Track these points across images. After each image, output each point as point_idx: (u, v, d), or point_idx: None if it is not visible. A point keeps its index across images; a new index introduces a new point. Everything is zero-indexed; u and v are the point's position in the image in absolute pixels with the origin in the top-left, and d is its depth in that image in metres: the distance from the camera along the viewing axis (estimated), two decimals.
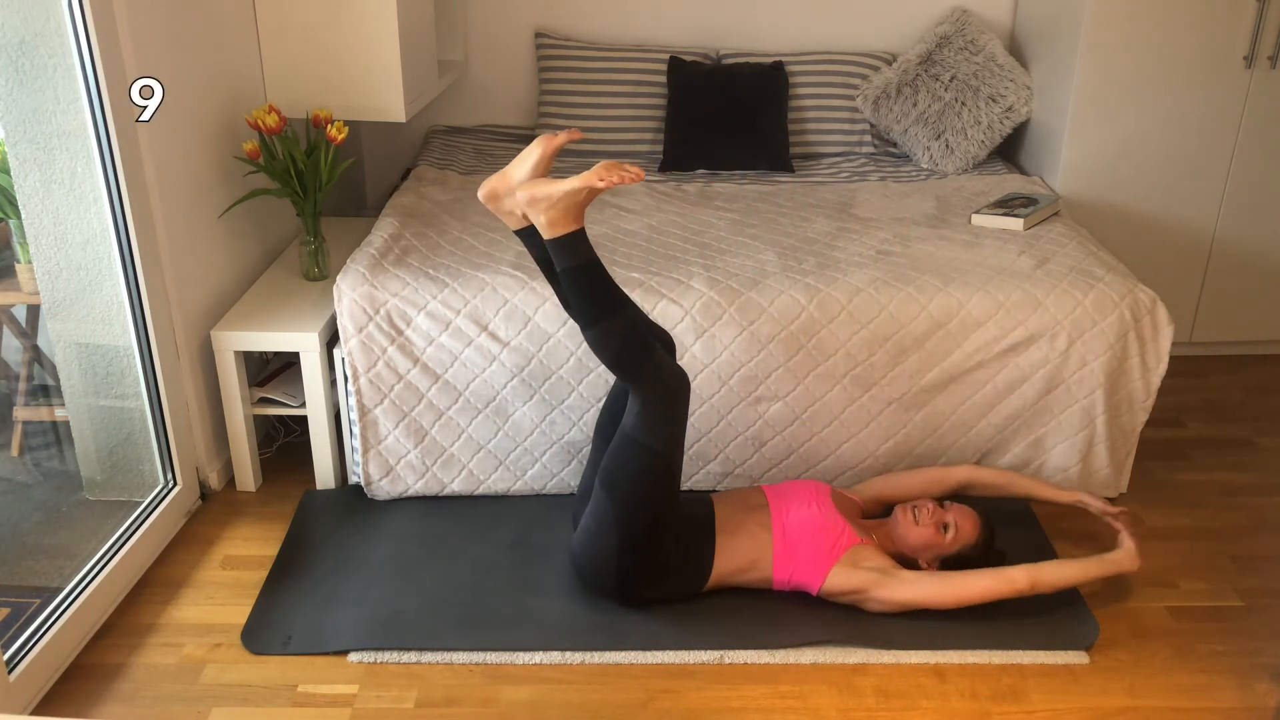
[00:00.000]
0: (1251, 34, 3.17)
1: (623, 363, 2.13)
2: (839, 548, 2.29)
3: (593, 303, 2.12)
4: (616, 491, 2.20)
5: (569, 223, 2.10)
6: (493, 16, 3.82)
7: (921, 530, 2.34)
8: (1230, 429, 3.18)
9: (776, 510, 2.36)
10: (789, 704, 2.12)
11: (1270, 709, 2.13)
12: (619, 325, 2.12)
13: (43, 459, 2.69)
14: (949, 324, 2.60)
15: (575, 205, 2.09)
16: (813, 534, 2.30)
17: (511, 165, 2.18)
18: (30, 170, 2.33)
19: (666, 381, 2.14)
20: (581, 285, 2.12)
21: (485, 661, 2.22)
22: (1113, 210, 3.39)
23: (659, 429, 2.15)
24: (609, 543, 2.23)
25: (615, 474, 2.20)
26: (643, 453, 2.16)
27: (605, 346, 2.13)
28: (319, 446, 2.76)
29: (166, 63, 2.52)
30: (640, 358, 2.13)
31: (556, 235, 2.11)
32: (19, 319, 2.67)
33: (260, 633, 2.28)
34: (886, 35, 3.81)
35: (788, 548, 2.30)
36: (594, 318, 2.12)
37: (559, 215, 2.09)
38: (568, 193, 2.06)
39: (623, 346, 2.12)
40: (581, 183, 2.04)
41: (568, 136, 2.15)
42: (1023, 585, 2.26)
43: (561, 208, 2.08)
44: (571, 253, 2.11)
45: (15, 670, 2.02)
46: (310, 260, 2.94)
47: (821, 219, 3.09)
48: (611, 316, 2.12)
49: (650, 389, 2.14)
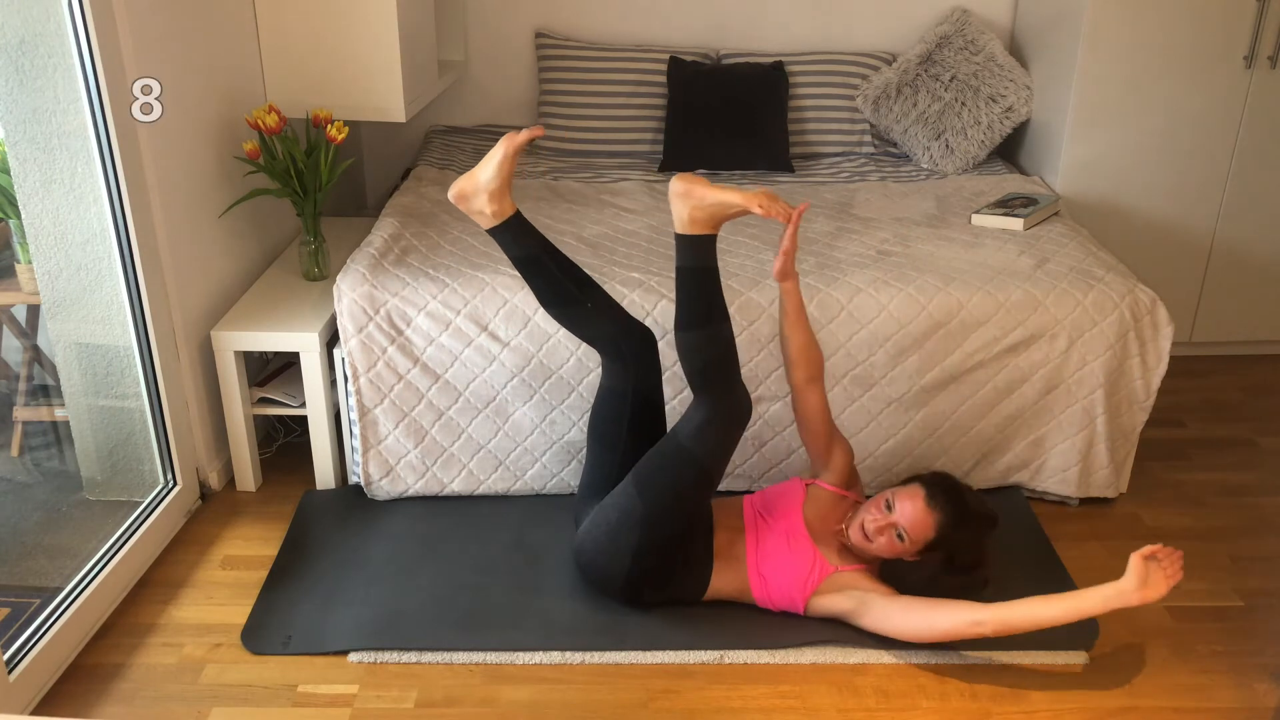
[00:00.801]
0: (1251, 34, 3.17)
1: (714, 372, 2.15)
2: (811, 582, 2.25)
3: (705, 306, 2.15)
4: (651, 493, 2.18)
5: (707, 226, 2.14)
6: (493, 16, 3.82)
7: (879, 546, 2.22)
8: (1230, 429, 3.18)
9: (750, 539, 2.33)
10: (789, 704, 2.12)
11: (1270, 709, 2.13)
12: (723, 334, 2.16)
13: (43, 459, 2.69)
14: (949, 324, 2.60)
15: (721, 216, 2.13)
16: (784, 569, 2.27)
17: (478, 167, 2.23)
18: (30, 170, 2.33)
19: (741, 402, 2.16)
20: (698, 287, 2.16)
21: (485, 661, 2.22)
22: (1113, 210, 3.39)
23: (715, 444, 2.16)
24: (628, 541, 2.21)
25: (655, 476, 2.19)
26: (690, 462, 2.16)
27: (703, 351, 2.15)
28: (319, 446, 2.76)
29: (166, 63, 2.52)
30: (731, 371, 2.16)
31: (691, 233, 2.14)
32: (19, 319, 2.67)
33: (260, 633, 2.28)
34: (886, 35, 3.81)
35: (762, 580, 2.28)
36: (702, 321, 2.15)
37: (704, 216, 2.13)
38: (721, 202, 2.10)
39: (721, 356, 2.15)
40: (741, 200, 2.08)
41: (529, 134, 2.19)
42: (987, 631, 2.10)
43: (709, 211, 2.12)
44: (699, 254, 2.15)
45: (15, 670, 2.02)
46: (310, 260, 2.94)
47: (821, 219, 3.09)
48: (718, 324, 2.16)
49: (724, 403, 2.15)
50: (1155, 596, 2.04)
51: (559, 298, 2.29)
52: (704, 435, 2.15)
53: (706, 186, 2.11)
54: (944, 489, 2.21)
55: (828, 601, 2.25)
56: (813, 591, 2.25)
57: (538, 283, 2.30)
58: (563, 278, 2.29)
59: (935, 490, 2.21)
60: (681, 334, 2.16)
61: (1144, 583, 2.05)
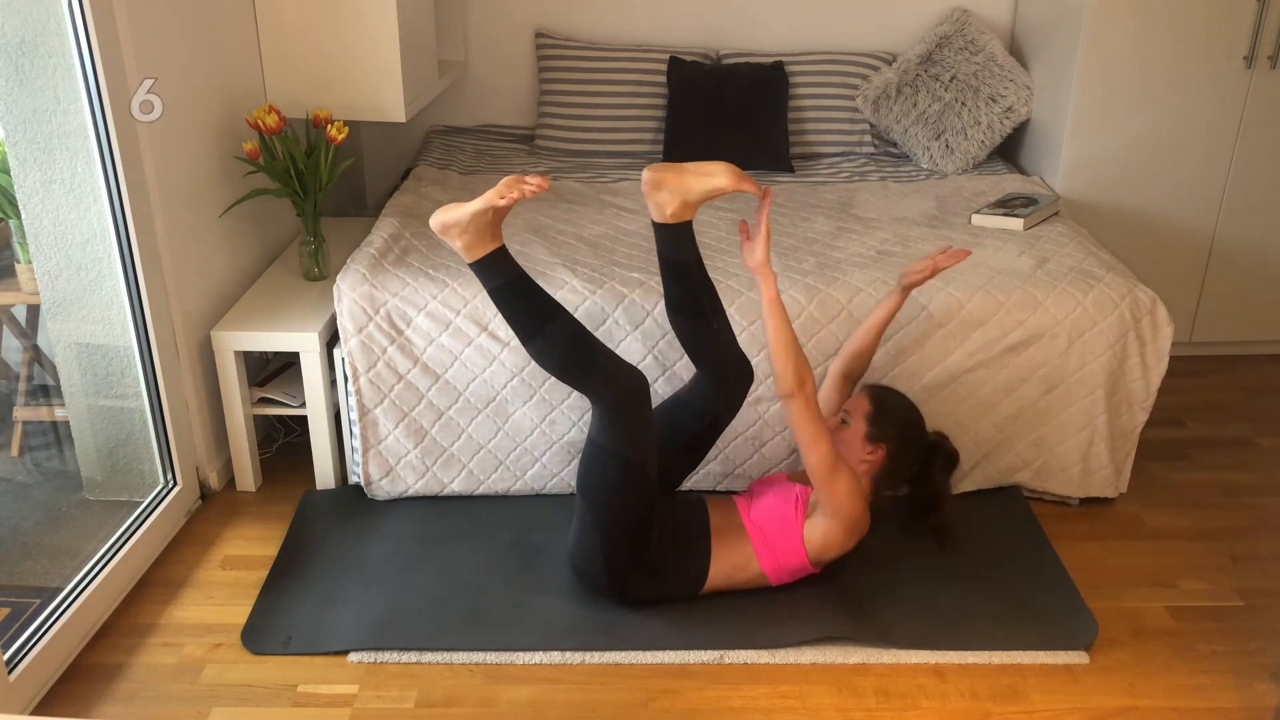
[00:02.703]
0: (1251, 34, 3.17)
1: (569, 371, 2.15)
2: (799, 506, 2.29)
3: (526, 317, 2.14)
4: (592, 498, 2.22)
5: (486, 243, 2.12)
6: (493, 16, 3.82)
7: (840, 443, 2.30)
8: (1230, 429, 3.18)
9: (744, 509, 2.37)
10: (789, 704, 2.12)
11: (1270, 709, 2.13)
12: (557, 335, 2.14)
13: (43, 459, 2.69)
14: (949, 324, 2.60)
15: (487, 225, 2.10)
16: (773, 510, 2.31)
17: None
18: (30, 170, 2.33)
19: (619, 383, 2.15)
20: (512, 302, 2.14)
21: (485, 661, 2.22)
22: (1113, 210, 3.39)
23: (620, 432, 2.16)
24: (593, 545, 2.26)
25: (587, 480, 2.22)
26: (608, 457, 2.17)
27: (548, 358, 2.14)
28: (319, 446, 2.76)
29: (166, 63, 2.52)
30: (585, 364, 2.14)
31: (476, 258, 2.13)
32: (19, 319, 2.67)
33: (260, 633, 2.28)
34: (886, 35, 3.81)
35: (762, 536, 2.30)
36: (530, 332, 2.14)
37: (474, 238, 2.10)
38: (475, 214, 2.07)
39: (565, 356, 2.14)
40: (485, 203, 2.06)
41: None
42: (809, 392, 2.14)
43: (474, 230, 2.10)
44: (495, 272, 2.13)
45: (15, 670, 2.02)
46: (310, 260, 2.94)
47: (821, 219, 3.09)
48: (546, 328, 2.13)
49: (602, 393, 2.15)
50: None
51: (688, 308, 2.26)
52: (605, 427, 2.17)
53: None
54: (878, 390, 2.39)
55: (815, 525, 2.24)
56: (802, 515, 2.27)
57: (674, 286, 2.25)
58: (700, 292, 2.25)
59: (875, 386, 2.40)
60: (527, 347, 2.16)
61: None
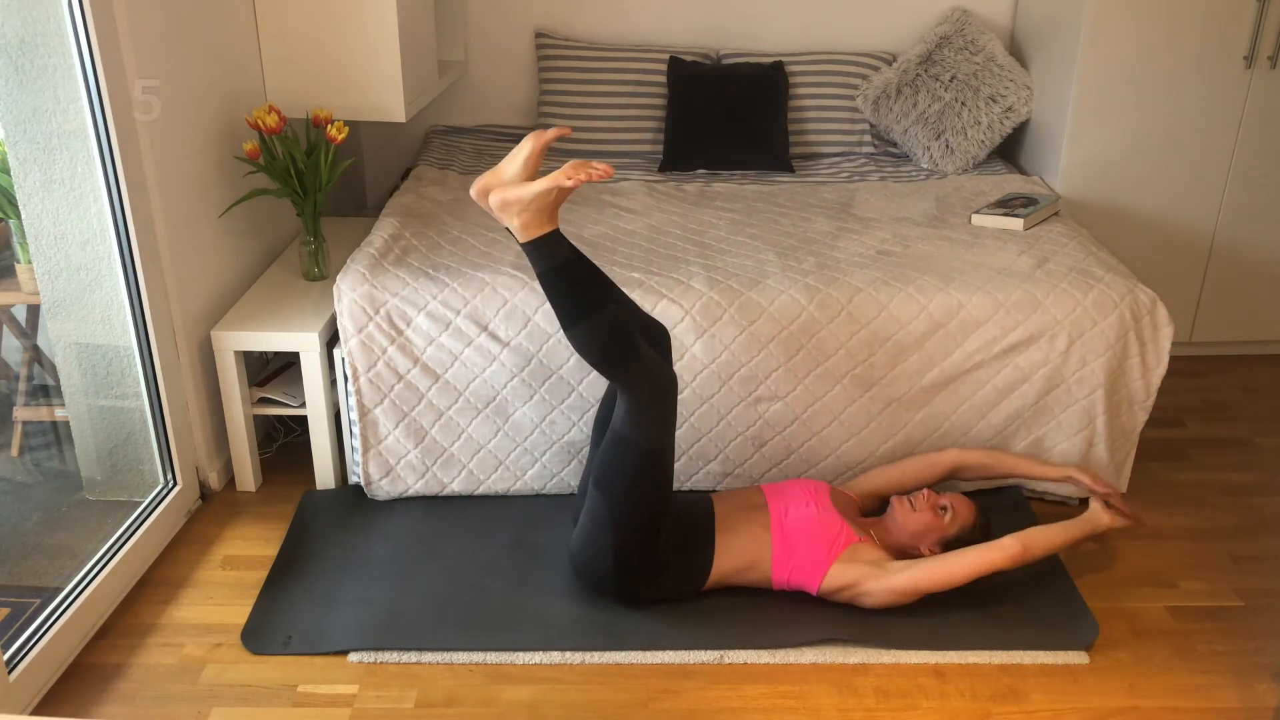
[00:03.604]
0: (1251, 34, 3.17)
1: (608, 360, 2.13)
2: (838, 545, 2.29)
3: (573, 302, 2.12)
4: (610, 491, 2.20)
5: (543, 224, 2.11)
6: (493, 16, 3.82)
7: (919, 515, 2.37)
8: (1230, 429, 3.18)
9: (775, 509, 2.36)
10: (789, 704, 2.12)
11: (1270, 709, 2.13)
12: (601, 323, 2.11)
13: (43, 459, 2.69)
14: (949, 324, 2.60)
15: (548, 206, 2.09)
16: (811, 533, 2.30)
17: (503, 162, 2.17)
18: (30, 170, 2.33)
19: (653, 378, 2.14)
20: (560, 286, 2.12)
21: (485, 661, 2.22)
22: (1113, 210, 3.39)
23: (648, 426, 2.15)
24: (605, 542, 2.24)
25: (607, 474, 2.20)
26: (633, 451, 2.16)
27: (589, 345, 2.12)
28: (319, 446, 2.76)
29: (166, 63, 2.52)
30: (625, 355, 2.12)
31: (531, 238, 2.11)
32: (19, 319, 2.67)
33: (260, 633, 2.28)
34: (886, 35, 3.81)
35: (787, 547, 2.30)
36: (575, 317, 2.12)
37: (531, 218, 2.09)
38: (538, 194, 2.06)
39: (606, 344, 2.11)
40: (550, 183, 2.05)
41: (557, 132, 2.15)
42: (1015, 550, 2.26)
43: (534, 210, 2.09)
44: (548, 254, 2.12)
45: (15, 670, 2.02)
46: (310, 260, 2.94)
47: (821, 219, 3.09)
48: (592, 315, 2.11)
49: (637, 386, 2.14)
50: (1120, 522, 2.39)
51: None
52: (634, 420, 2.15)
53: (516, 186, 2.08)
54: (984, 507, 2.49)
55: (847, 569, 2.27)
56: (836, 557, 2.28)
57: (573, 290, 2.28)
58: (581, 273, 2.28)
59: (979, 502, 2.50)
60: (569, 332, 2.14)
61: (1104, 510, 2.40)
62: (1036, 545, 2.28)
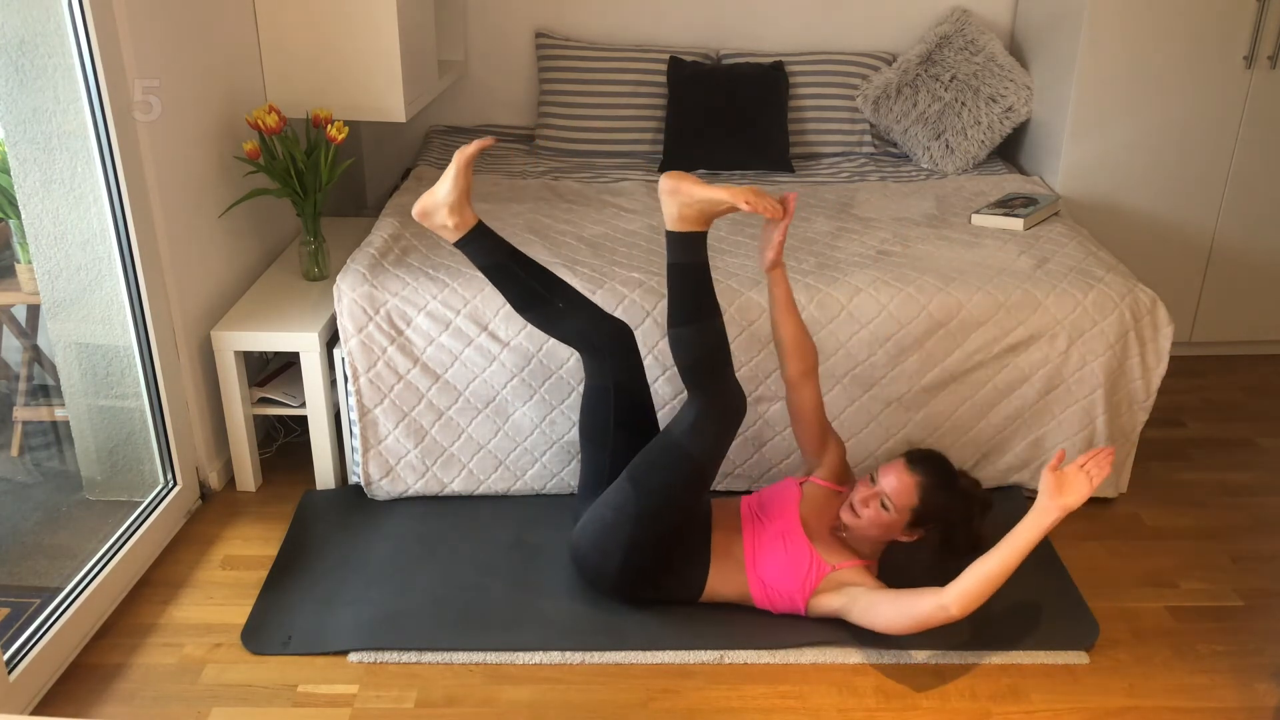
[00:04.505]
0: (1251, 34, 3.17)
1: (705, 367, 2.15)
2: (810, 582, 2.24)
3: (695, 301, 2.15)
4: (646, 490, 2.19)
5: (698, 223, 2.15)
6: (493, 16, 3.82)
7: (866, 519, 2.21)
8: (1230, 429, 3.18)
9: (748, 543, 2.31)
10: (789, 704, 2.12)
11: (1270, 709, 2.13)
12: (714, 329, 2.16)
13: (43, 459, 2.69)
14: (949, 324, 2.60)
15: (711, 213, 2.14)
16: (782, 572, 2.26)
17: (436, 184, 2.31)
18: (30, 170, 2.33)
19: (735, 397, 2.17)
20: (689, 282, 2.16)
21: (485, 661, 2.22)
22: (1113, 210, 3.39)
23: (709, 441, 2.16)
24: (622, 537, 2.22)
25: (649, 472, 2.19)
26: (684, 459, 2.16)
27: (695, 346, 2.15)
28: (319, 446, 2.76)
29: (166, 63, 2.52)
30: (723, 367, 2.16)
31: (682, 230, 2.15)
32: (19, 319, 2.67)
33: (260, 633, 2.28)
34: (886, 35, 3.81)
35: (762, 587, 2.28)
36: (692, 316, 2.15)
37: (694, 214, 2.14)
38: (709, 199, 2.11)
39: (713, 350, 2.15)
40: (728, 196, 2.09)
41: (479, 145, 2.28)
42: (954, 610, 2.06)
43: (698, 208, 2.13)
44: (689, 250, 2.16)
45: (15, 670, 2.02)
46: (310, 260, 2.94)
47: (821, 219, 3.09)
48: (710, 319, 2.16)
49: (717, 400, 2.15)
50: (1076, 500, 2.05)
51: (529, 300, 2.32)
52: (698, 431, 2.15)
53: (695, 184, 2.12)
54: (924, 455, 2.24)
55: (827, 600, 2.24)
56: (812, 592, 2.25)
57: (508, 289, 2.33)
58: (530, 280, 2.32)
59: (915, 456, 2.24)
60: (673, 330, 2.17)
61: (1058, 491, 2.07)
62: (973, 594, 2.06)
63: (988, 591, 2.07)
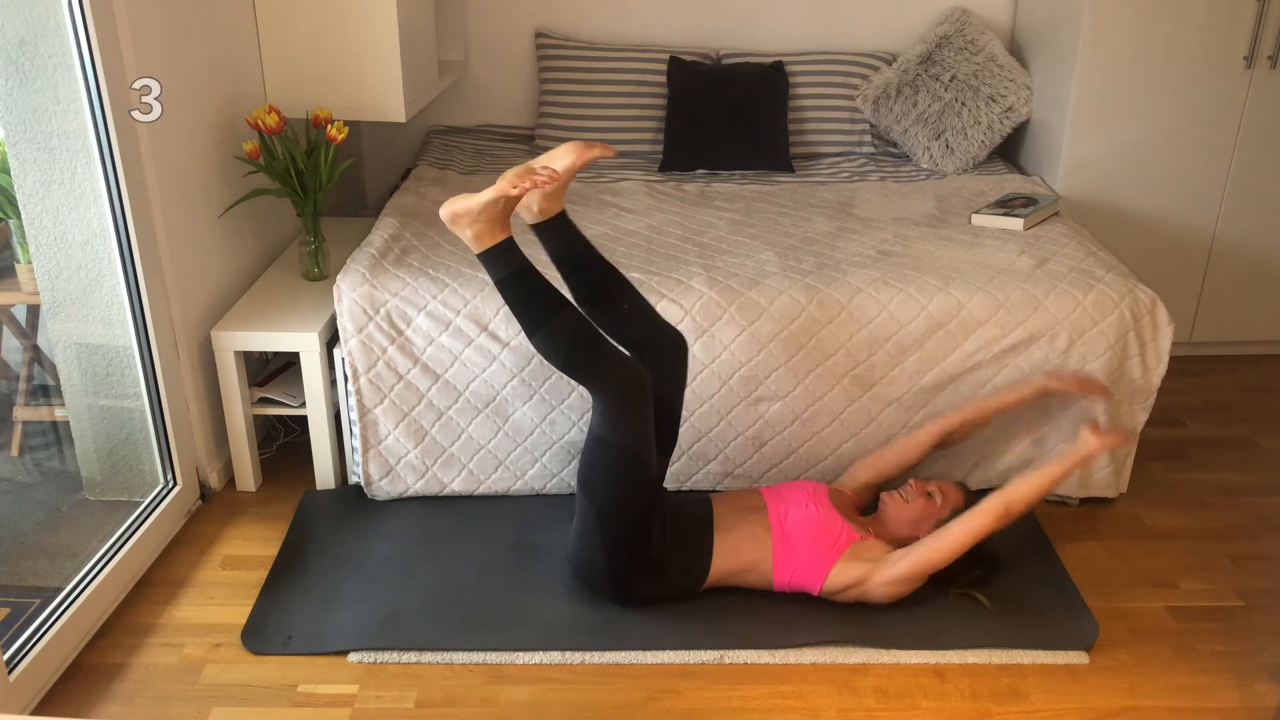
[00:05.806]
0: (1251, 34, 3.17)
1: (573, 364, 2.14)
2: (839, 546, 2.29)
3: (532, 309, 2.14)
4: (593, 492, 2.22)
5: (495, 234, 2.13)
6: (493, 16, 3.82)
7: (912, 506, 2.37)
8: (1230, 429, 3.18)
9: (775, 511, 2.36)
10: (789, 704, 2.13)
11: (1270, 709, 2.13)
12: (562, 326, 2.13)
13: (43, 459, 2.69)
14: (949, 324, 2.60)
15: (498, 215, 2.11)
16: (812, 534, 2.30)
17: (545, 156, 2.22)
18: (30, 170, 2.33)
19: (622, 372, 2.15)
20: (519, 293, 2.14)
21: (485, 661, 2.22)
22: (1113, 210, 3.39)
23: (622, 425, 2.16)
24: (595, 542, 2.25)
25: (589, 475, 2.22)
26: (611, 450, 2.17)
27: (552, 350, 2.14)
28: (319, 446, 2.76)
29: (166, 63, 2.52)
30: (589, 357, 2.14)
31: (485, 248, 2.13)
32: (19, 319, 2.67)
33: (260, 633, 2.28)
34: (886, 35, 3.81)
35: (788, 549, 2.30)
36: (536, 323, 2.14)
37: (484, 228, 2.11)
38: (486, 204, 2.08)
39: (570, 348, 2.13)
40: (496, 193, 2.06)
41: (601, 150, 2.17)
42: (999, 509, 2.22)
43: (485, 220, 2.10)
44: (503, 263, 2.14)
45: (15, 670, 2.02)
46: (310, 260, 2.94)
47: (821, 219, 3.09)
48: (553, 316, 2.13)
49: (605, 386, 2.15)
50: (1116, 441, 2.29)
51: (595, 297, 2.31)
52: (610, 421, 2.16)
53: (465, 198, 2.10)
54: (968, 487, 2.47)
55: (849, 569, 2.28)
56: (838, 558, 2.28)
57: (577, 282, 2.32)
58: (600, 276, 2.32)
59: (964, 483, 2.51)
60: (532, 338, 2.16)
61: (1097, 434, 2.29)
62: (1019, 499, 2.23)
63: (1032, 500, 2.25)
